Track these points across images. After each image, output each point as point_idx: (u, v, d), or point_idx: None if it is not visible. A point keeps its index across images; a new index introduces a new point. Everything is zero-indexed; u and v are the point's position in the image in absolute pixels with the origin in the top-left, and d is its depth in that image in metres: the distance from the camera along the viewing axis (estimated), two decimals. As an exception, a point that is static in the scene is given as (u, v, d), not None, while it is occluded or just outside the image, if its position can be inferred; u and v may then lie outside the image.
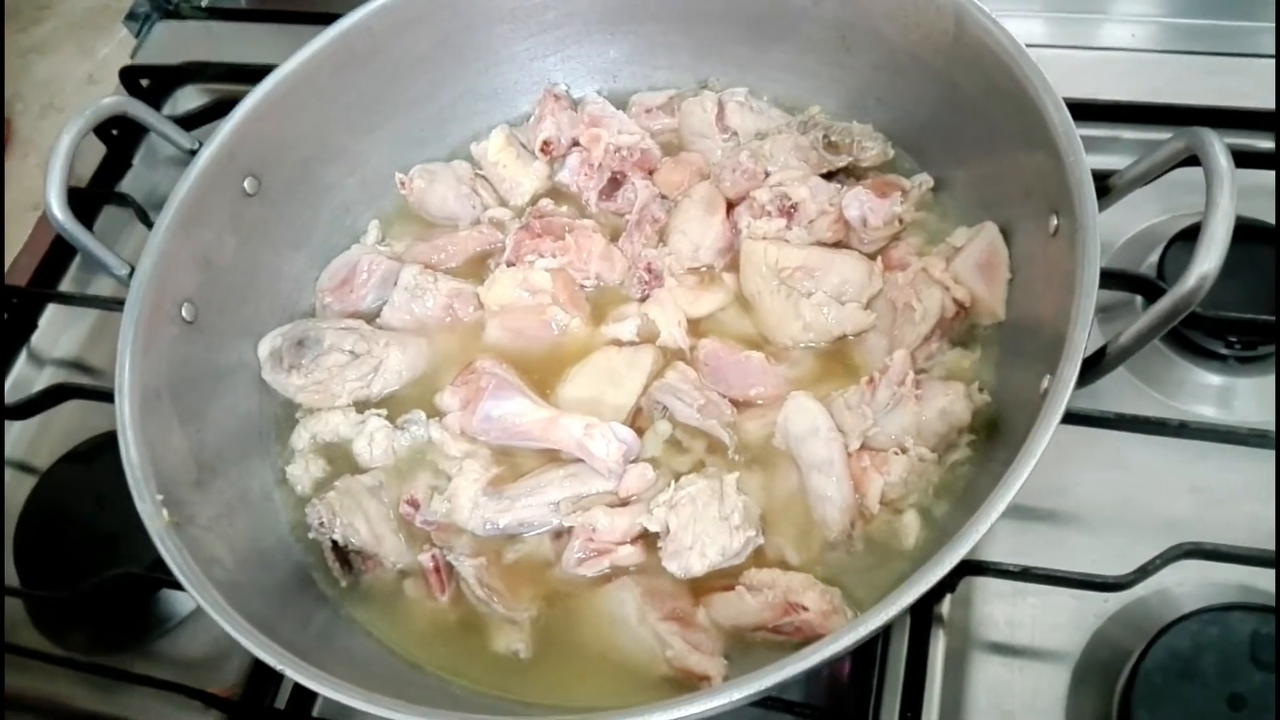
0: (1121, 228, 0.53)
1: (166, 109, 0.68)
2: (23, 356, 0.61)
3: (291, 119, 0.54)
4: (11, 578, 0.52)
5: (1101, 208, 0.39)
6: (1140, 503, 0.47)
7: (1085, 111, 0.52)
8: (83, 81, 0.84)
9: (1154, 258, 0.52)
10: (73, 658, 0.50)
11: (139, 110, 0.51)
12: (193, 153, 0.51)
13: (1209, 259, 0.34)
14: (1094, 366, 0.37)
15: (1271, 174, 0.52)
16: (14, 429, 0.57)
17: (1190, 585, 0.45)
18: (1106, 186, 0.43)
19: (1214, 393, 0.50)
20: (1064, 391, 0.35)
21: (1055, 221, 0.43)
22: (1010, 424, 0.46)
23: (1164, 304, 0.35)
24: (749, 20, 0.61)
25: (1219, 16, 0.60)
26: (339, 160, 0.63)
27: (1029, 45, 0.43)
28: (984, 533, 0.34)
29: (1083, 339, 0.36)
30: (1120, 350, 0.38)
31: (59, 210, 0.46)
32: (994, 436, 0.47)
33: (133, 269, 0.47)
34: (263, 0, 0.73)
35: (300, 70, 0.53)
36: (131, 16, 0.75)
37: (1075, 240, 0.39)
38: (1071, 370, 0.35)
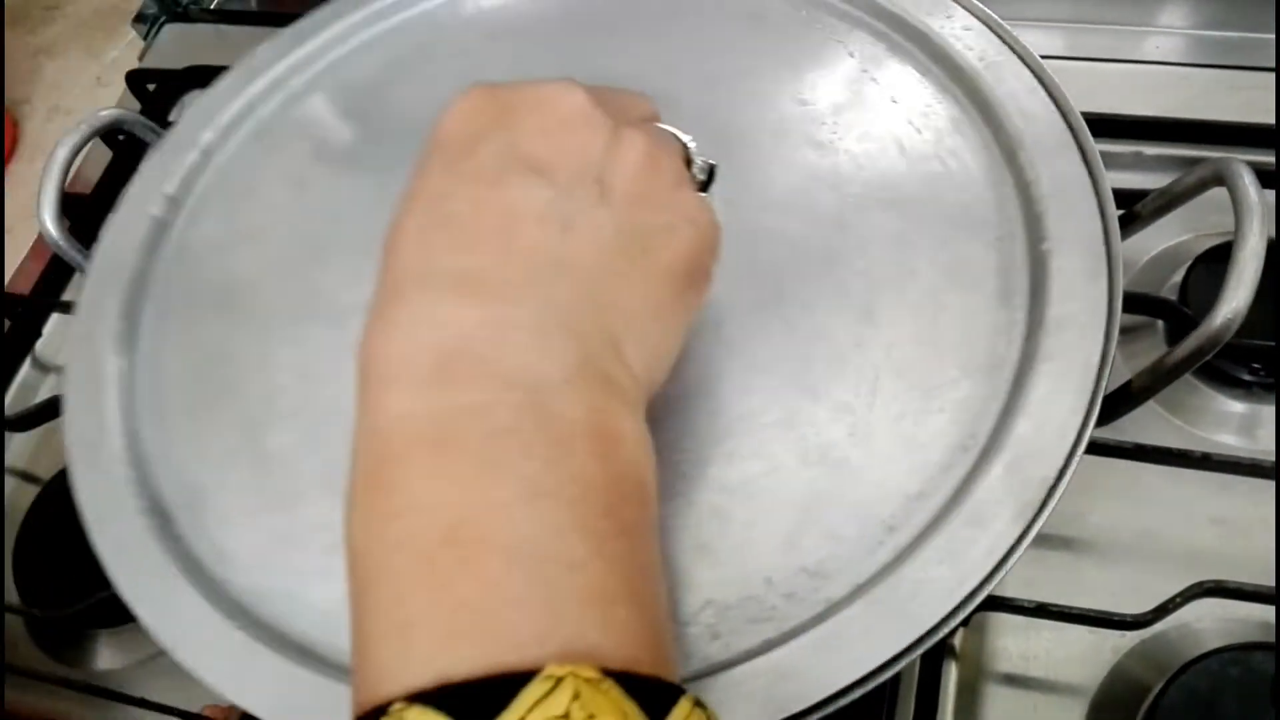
0: (1143, 247, 0.50)
1: (174, 114, 0.66)
2: (27, 364, 0.60)
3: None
4: (10, 592, 0.51)
5: (1124, 236, 0.37)
6: (1159, 534, 0.44)
7: (1106, 127, 0.50)
8: (91, 84, 0.83)
9: (1177, 278, 0.49)
10: (68, 676, 0.48)
11: (134, 121, 0.50)
12: None
13: (1237, 297, 0.32)
14: (1117, 404, 0.35)
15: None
16: (15, 438, 0.56)
17: (1210, 620, 0.42)
18: (1131, 214, 0.40)
19: (1237, 420, 0.47)
20: (1085, 431, 0.32)
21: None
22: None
23: (1190, 343, 0.33)
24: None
25: (1243, 29, 0.57)
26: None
27: (1049, 57, 0.41)
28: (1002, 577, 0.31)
29: (1104, 376, 0.33)
30: (1143, 389, 0.35)
31: (53, 228, 0.44)
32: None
33: None
34: (273, 3, 0.72)
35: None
36: (139, 19, 0.73)
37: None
38: (1093, 409, 0.33)
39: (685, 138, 0.33)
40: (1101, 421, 0.33)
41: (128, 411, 0.39)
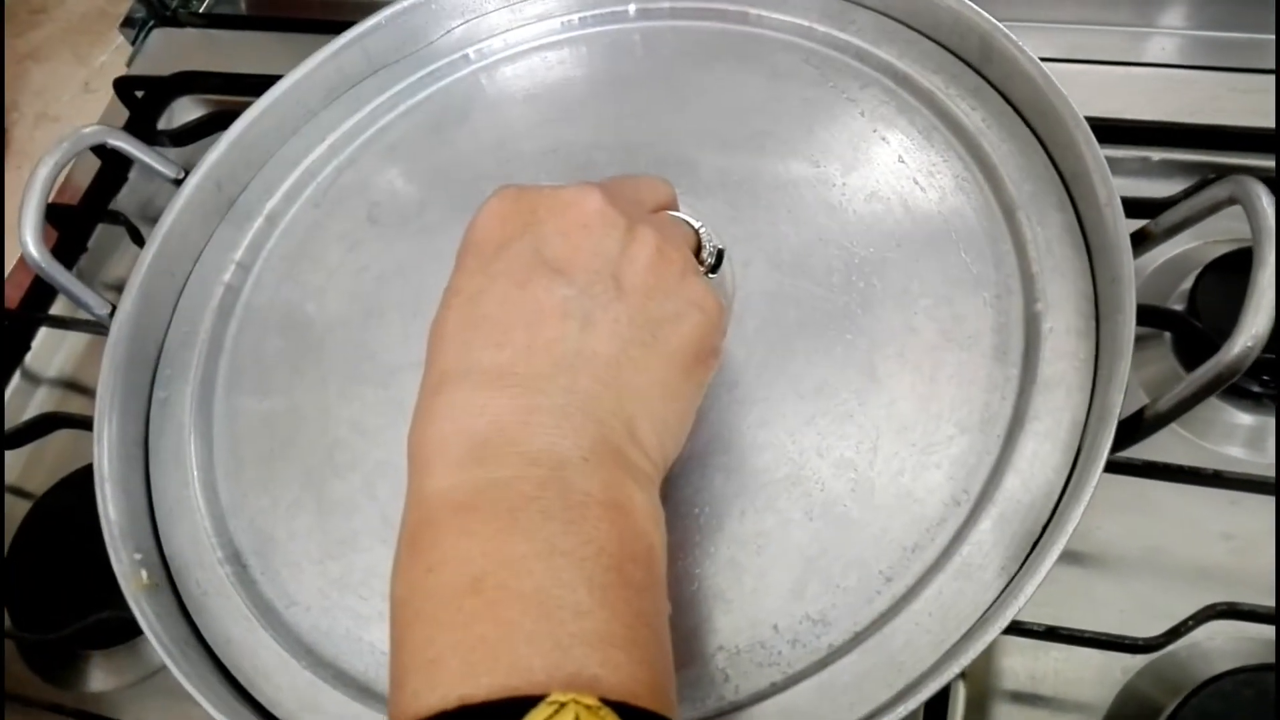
0: (1150, 255, 0.49)
1: (163, 121, 0.66)
2: (16, 377, 0.60)
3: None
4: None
5: (1136, 255, 0.36)
6: (1169, 550, 0.44)
7: (1111, 133, 0.49)
8: (79, 90, 0.81)
9: (1185, 285, 0.49)
10: (60, 700, 0.49)
11: (119, 139, 0.50)
12: (178, 182, 0.49)
13: (1256, 324, 0.32)
14: (1131, 432, 0.35)
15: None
16: (6, 454, 0.56)
17: (1222, 639, 0.42)
18: (1142, 234, 0.40)
19: (1245, 433, 0.47)
20: (1099, 459, 0.33)
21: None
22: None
23: (1207, 371, 0.33)
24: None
25: (1250, 30, 0.56)
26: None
27: (1050, 60, 0.41)
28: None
29: (1118, 402, 0.33)
30: (1158, 416, 0.35)
31: (35, 249, 0.45)
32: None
33: (114, 308, 0.45)
34: (263, 8, 0.71)
35: (290, 94, 0.51)
36: (128, 23, 0.73)
37: (1111, 293, 0.36)
38: (1107, 436, 0.33)
39: (696, 224, 0.36)
40: (1116, 449, 0.34)
41: (205, 466, 0.44)
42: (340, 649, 0.38)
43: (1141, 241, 0.41)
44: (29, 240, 0.45)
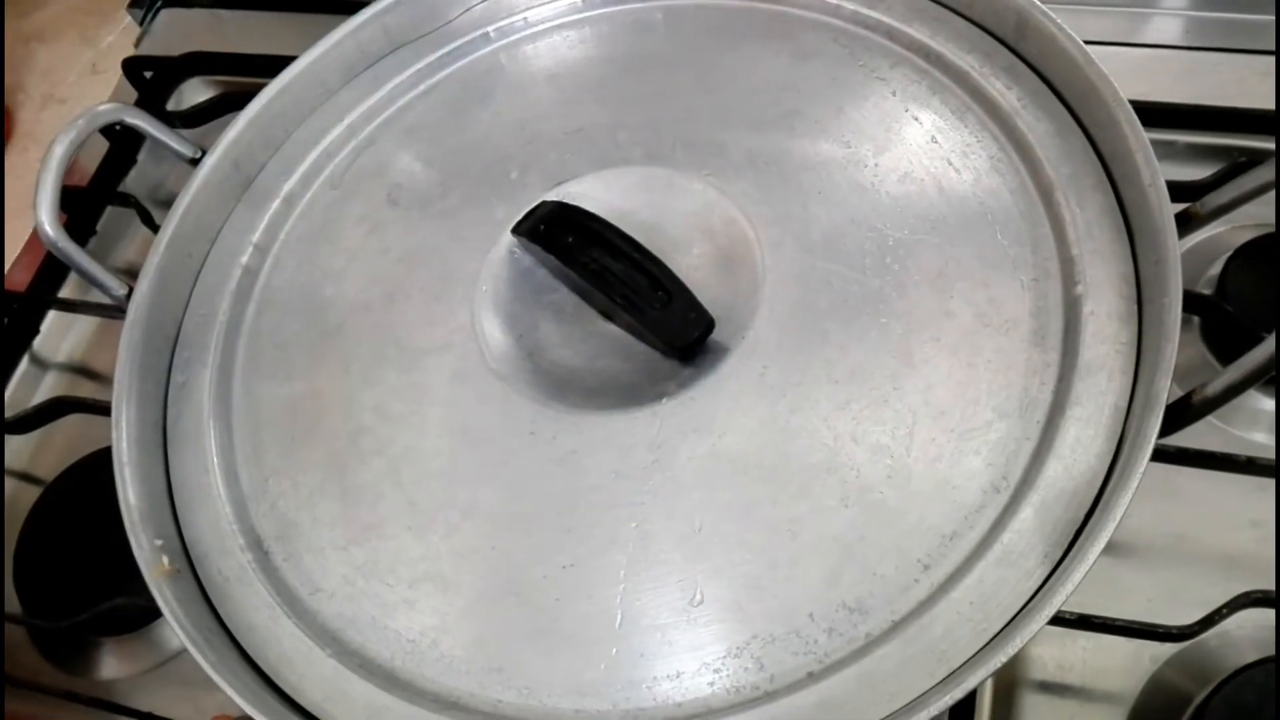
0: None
1: (172, 102, 0.65)
2: (24, 362, 0.59)
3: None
4: (11, 599, 0.50)
5: (1181, 237, 0.36)
6: (1197, 538, 0.44)
7: (1141, 115, 0.48)
8: (85, 71, 0.80)
9: (1214, 270, 0.48)
10: (71, 687, 0.48)
11: (135, 117, 0.48)
12: (194, 161, 0.48)
13: None
14: (1177, 417, 0.35)
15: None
16: (15, 439, 0.55)
17: (1252, 628, 0.41)
18: (1187, 215, 0.40)
19: (1268, 418, 0.46)
20: (1146, 445, 0.32)
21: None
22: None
23: (1259, 356, 0.33)
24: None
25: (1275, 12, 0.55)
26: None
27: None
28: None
29: (1165, 387, 0.32)
30: (1205, 401, 0.34)
31: (50, 229, 0.44)
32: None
33: (131, 290, 0.44)
34: None
35: (308, 72, 0.50)
36: (135, 3, 0.71)
37: (1155, 274, 0.36)
38: (1154, 421, 0.32)
39: None
40: (1162, 435, 0.33)
41: (225, 451, 0.43)
42: (366, 637, 0.38)
43: (1186, 223, 0.40)
44: (45, 220, 0.44)
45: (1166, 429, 0.34)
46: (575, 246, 0.40)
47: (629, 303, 0.39)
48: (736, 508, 0.36)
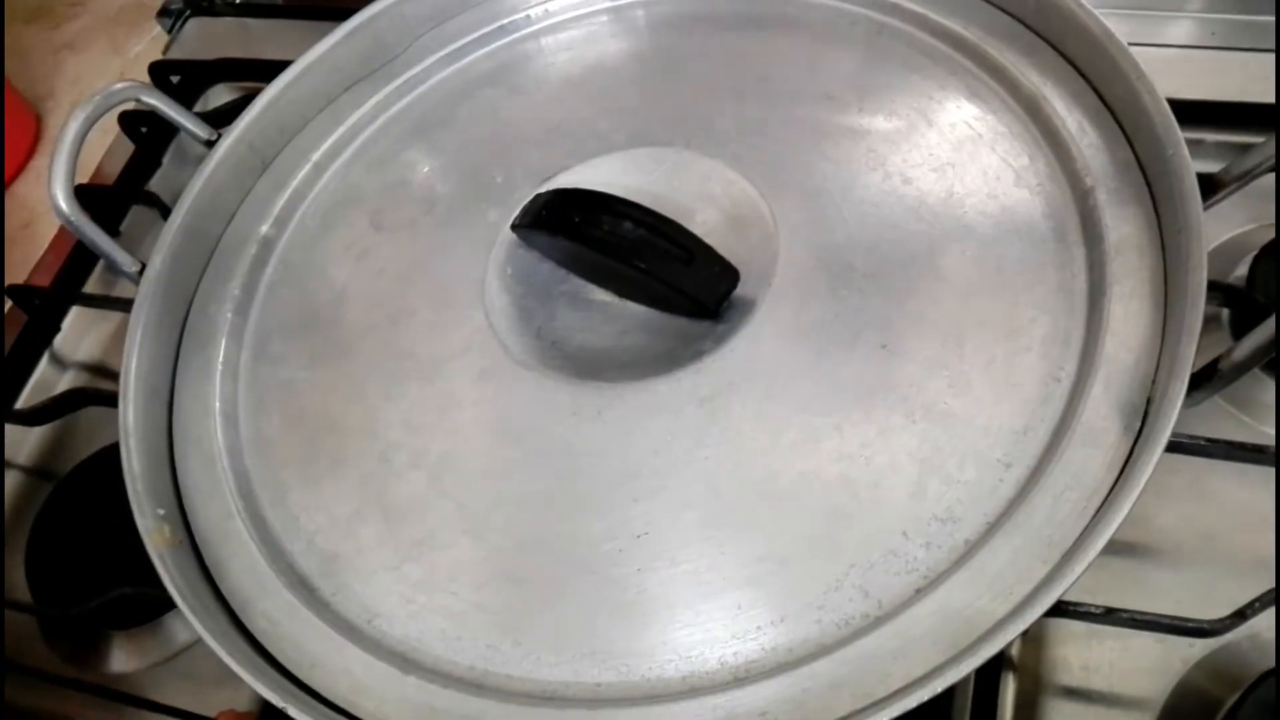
0: (1206, 237, 0.49)
1: (198, 107, 0.65)
2: (45, 359, 0.59)
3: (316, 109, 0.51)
4: (23, 591, 0.50)
5: (1207, 206, 0.35)
6: (1225, 536, 0.42)
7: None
8: (114, 79, 0.81)
9: (1242, 270, 0.48)
10: (80, 678, 0.47)
11: (152, 98, 0.48)
12: (211, 144, 0.48)
13: None
14: (1202, 384, 0.34)
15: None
16: (33, 433, 0.55)
17: None
18: (1213, 182, 0.39)
19: None
20: (1171, 412, 0.31)
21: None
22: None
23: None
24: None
25: None
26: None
27: None
28: (1078, 575, 0.31)
29: (1190, 353, 0.32)
30: (1234, 366, 0.33)
31: (64, 201, 0.43)
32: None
33: (144, 266, 0.44)
34: None
35: (326, 58, 0.50)
36: (164, 13, 0.72)
37: (1177, 243, 0.35)
38: (1179, 387, 0.32)
39: None
40: (1190, 393, 0.32)
41: (248, 497, 0.40)
42: (439, 651, 0.35)
43: (1213, 190, 0.39)
44: (59, 193, 0.43)
45: (1196, 389, 0.33)
46: (585, 223, 0.39)
47: (651, 267, 0.38)
48: (803, 444, 0.36)
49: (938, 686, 0.29)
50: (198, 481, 0.41)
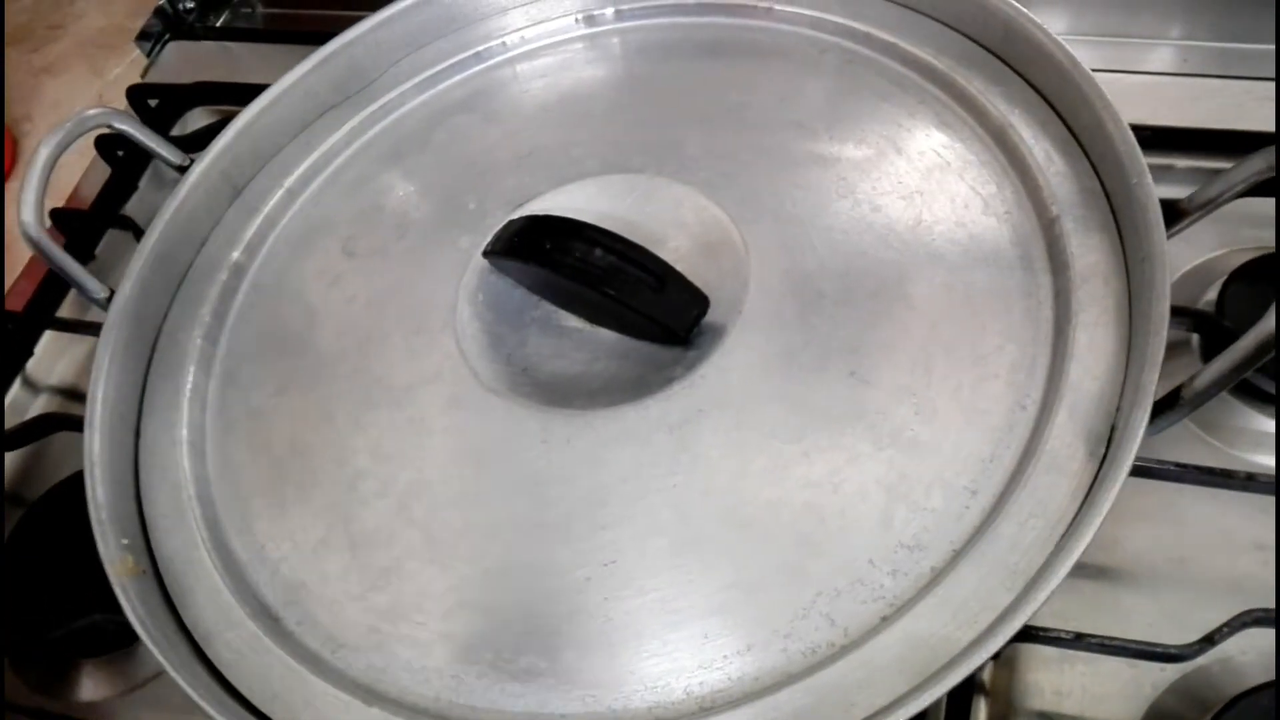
0: (1174, 264, 0.46)
1: (176, 130, 0.65)
2: (16, 384, 0.58)
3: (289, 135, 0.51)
4: None
5: (1170, 234, 0.35)
6: (1198, 560, 0.42)
7: (1138, 139, 0.47)
8: (93, 102, 0.82)
9: (1211, 295, 0.48)
10: (49, 708, 0.46)
11: (124, 123, 0.48)
12: (183, 169, 0.48)
13: None
14: (1164, 412, 0.34)
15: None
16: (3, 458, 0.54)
17: (1255, 654, 0.40)
18: (1177, 210, 0.39)
19: (1271, 440, 0.45)
20: (1132, 442, 0.31)
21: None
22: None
23: (1249, 341, 0.32)
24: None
25: (1274, 41, 0.57)
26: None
27: None
28: (1041, 603, 0.31)
29: (1152, 381, 0.32)
30: (1196, 394, 0.33)
31: (33, 227, 0.43)
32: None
33: (113, 293, 0.44)
34: (281, 21, 0.71)
35: (301, 83, 0.49)
36: (144, 36, 0.72)
37: (1141, 271, 0.35)
38: (1141, 416, 0.32)
39: None
40: (1154, 420, 0.32)
41: (213, 526, 0.40)
42: (404, 682, 0.35)
43: (1176, 219, 0.39)
44: (28, 218, 0.43)
45: (1159, 416, 0.33)
46: (555, 249, 0.39)
47: (621, 294, 0.38)
48: (772, 472, 0.35)
49: (900, 716, 0.29)
50: (163, 510, 0.41)
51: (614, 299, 0.38)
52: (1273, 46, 0.57)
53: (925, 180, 0.41)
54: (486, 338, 0.42)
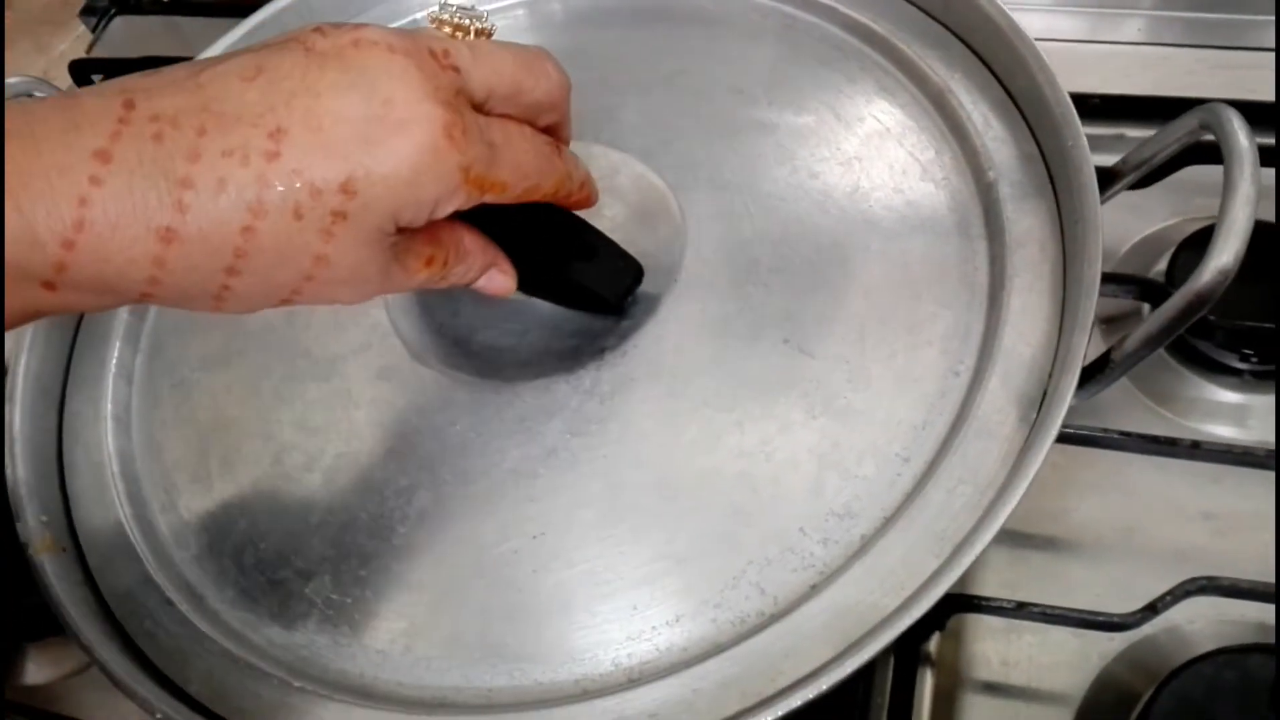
0: (1127, 233, 0.48)
1: None
2: None
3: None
4: None
5: (1105, 198, 0.35)
6: (1147, 530, 0.42)
7: (1087, 107, 0.47)
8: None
9: (1163, 264, 0.47)
10: None
11: (46, 92, 0.46)
12: None
13: (1227, 250, 0.30)
14: (1095, 376, 0.33)
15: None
16: None
17: (1203, 622, 0.40)
18: (1111, 173, 0.38)
19: (1229, 410, 0.45)
20: (1061, 405, 0.31)
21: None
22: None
23: (1176, 301, 0.31)
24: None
25: (1230, 10, 0.57)
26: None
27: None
28: (965, 568, 0.30)
29: (1082, 344, 0.32)
30: (1126, 357, 0.33)
31: None
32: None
33: None
34: None
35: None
36: (89, 11, 0.71)
37: (1074, 234, 0.35)
38: (1070, 380, 0.31)
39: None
40: (1080, 395, 0.32)
41: (137, 502, 0.39)
42: (329, 658, 0.34)
43: (1111, 181, 0.39)
44: None
45: (1087, 383, 0.33)
46: (487, 218, 0.39)
47: (554, 263, 0.38)
48: (704, 441, 0.35)
49: (823, 685, 0.29)
50: (85, 486, 0.40)
51: (547, 268, 0.38)
52: (1220, 16, 0.57)
53: (864, 146, 0.41)
54: (417, 308, 0.41)
